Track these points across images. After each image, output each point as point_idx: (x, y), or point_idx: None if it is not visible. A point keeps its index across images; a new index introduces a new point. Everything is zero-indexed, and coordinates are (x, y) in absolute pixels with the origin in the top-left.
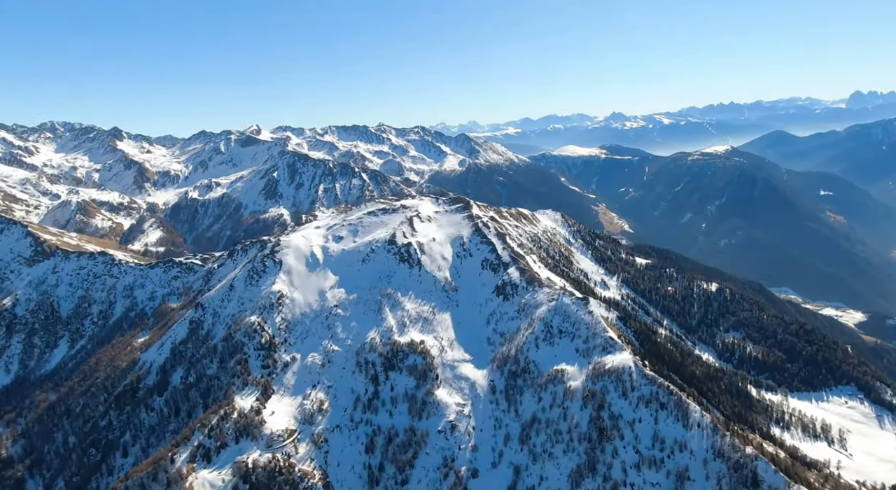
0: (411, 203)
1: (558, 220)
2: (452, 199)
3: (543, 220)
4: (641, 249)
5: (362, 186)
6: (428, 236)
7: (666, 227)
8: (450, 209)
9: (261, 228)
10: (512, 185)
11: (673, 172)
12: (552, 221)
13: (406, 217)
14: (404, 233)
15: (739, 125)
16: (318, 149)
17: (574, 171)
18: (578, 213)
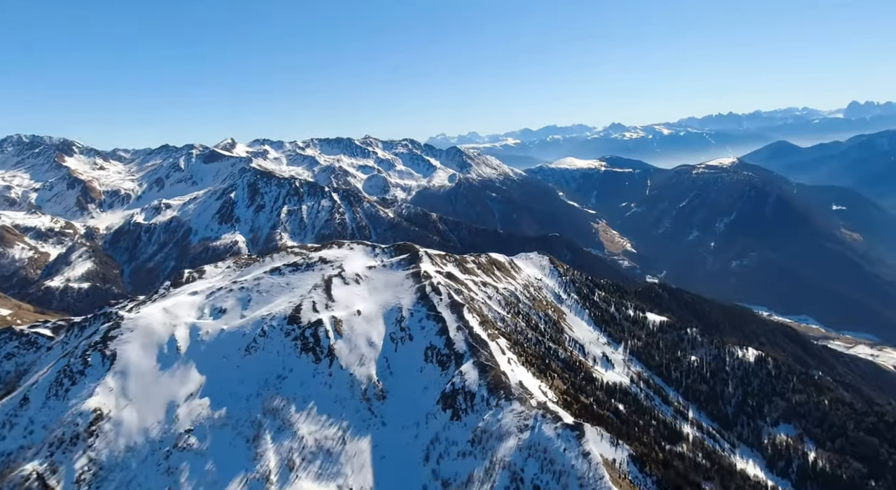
0: (336, 254)
1: (545, 267)
2: (396, 247)
3: (526, 268)
4: (652, 296)
5: (332, 208)
6: (350, 308)
7: (671, 246)
8: (389, 262)
9: (209, 257)
10: (505, 202)
11: (677, 187)
12: (537, 269)
13: (323, 277)
14: (315, 303)
15: (738, 135)
16: (297, 163)
17: (573, 184)
18: (577, 231)
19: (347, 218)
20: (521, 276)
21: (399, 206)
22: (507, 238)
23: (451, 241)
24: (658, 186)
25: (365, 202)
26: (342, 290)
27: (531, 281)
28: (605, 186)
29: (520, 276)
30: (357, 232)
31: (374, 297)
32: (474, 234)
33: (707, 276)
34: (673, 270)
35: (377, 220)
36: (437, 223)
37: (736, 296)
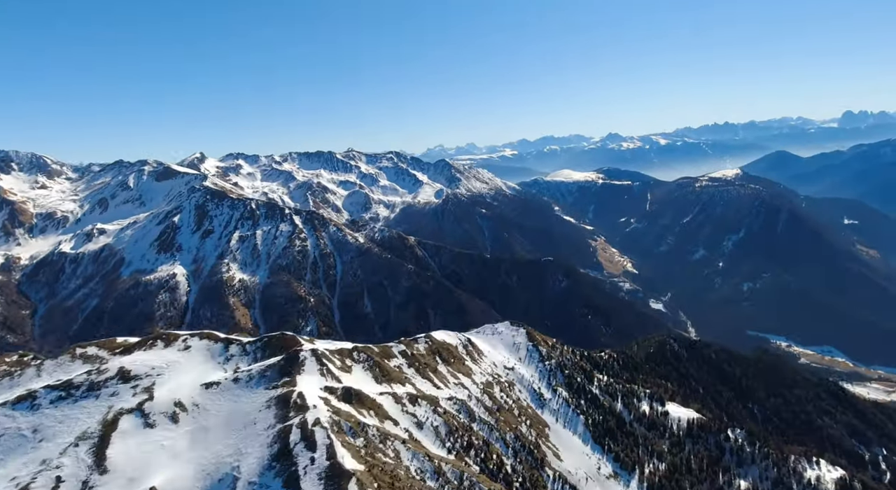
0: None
1: (521, 346)
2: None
3: (491, 351)
4: (667, 356)
5: (291, 234)
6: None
7: (675, 266)
8: (247, 374)
9: (140, 295)
10: (496, 219)
11: (679, 201)
12: (508, 350)
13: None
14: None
15: (735, 145)
16: (272, 179)
17: (569, 198)
18: (574, 249)
19: (309, 245)
20: (482, 366)
21: (371, 229)
22: (495, 265)
23: (429, 270)
24: (659, 200)
25: (331, 226)
26: (137, 440)
27: (498, 373)
28: (602, 200)
29: (481, 366)
30: (320, 261)
31: (195, 454)
32: (457, 261)
33: (717, 300)
34: (678, 294)
35: (344, 246)
36: (415, 248)
37: (750, 324)
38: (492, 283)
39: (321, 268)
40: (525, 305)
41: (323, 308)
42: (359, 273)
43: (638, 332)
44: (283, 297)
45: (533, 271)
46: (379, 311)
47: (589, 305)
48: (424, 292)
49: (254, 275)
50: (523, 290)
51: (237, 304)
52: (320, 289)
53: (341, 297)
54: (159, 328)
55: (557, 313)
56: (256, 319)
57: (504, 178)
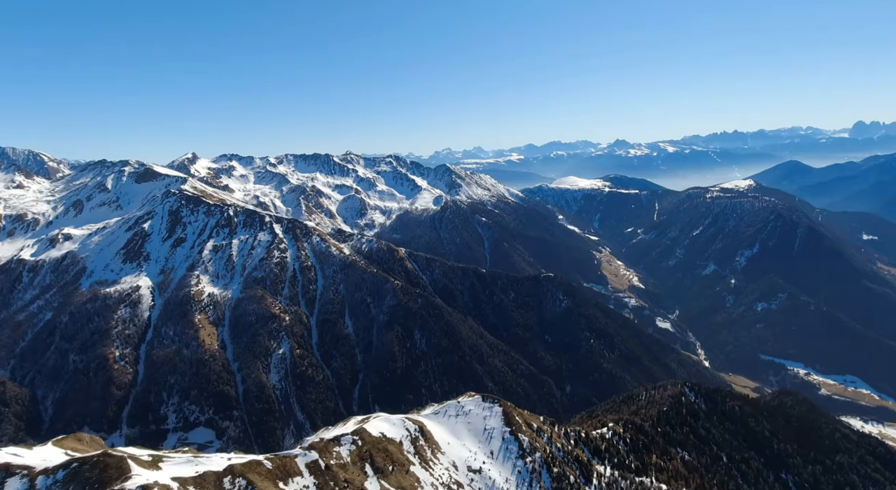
0: None
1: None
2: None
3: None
4: (684, 416)
5: (270, 244)
6: None
7: (684, 281)
8: None
9: (97, 310)
10: (497, 228)
11: (689, 212)
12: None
13: None
14: None
15: (744, 154)
16: (265, 181)
17: (574, 206)
18: (577, 262)
19: (289, 256)
20: (436, 471)
21: (359, 240)
22: (491, 280)
23: (419, 286)
24: (667, 211)
25: (315, 236)
26: None
27: (459, 480)
28: (609, 209)
29: (434, 472)
30: (300, 274)
31: None
32: (450, 275)
33: (728, 320)
34: (687, 311)
35: (327, 258)
36: (405, 261)
37: (765, 347)
38: (487, 300)
39: (300, 282)
40: (522, 326)
41: (299, 327)
42: (341, 289)
43: (644, 356)
44: (256, 315)
45: (531, 289)
46: (361, 332)
47: (591, 328)
48: (411, 311)
49: (226, 289)
50: (521, 309)
51: (204, 322)
52: (298, 305)
53: (321, 315)
54: (115, 348)
55: (558, 334)
56: (224, 339)
57: (509, 183)
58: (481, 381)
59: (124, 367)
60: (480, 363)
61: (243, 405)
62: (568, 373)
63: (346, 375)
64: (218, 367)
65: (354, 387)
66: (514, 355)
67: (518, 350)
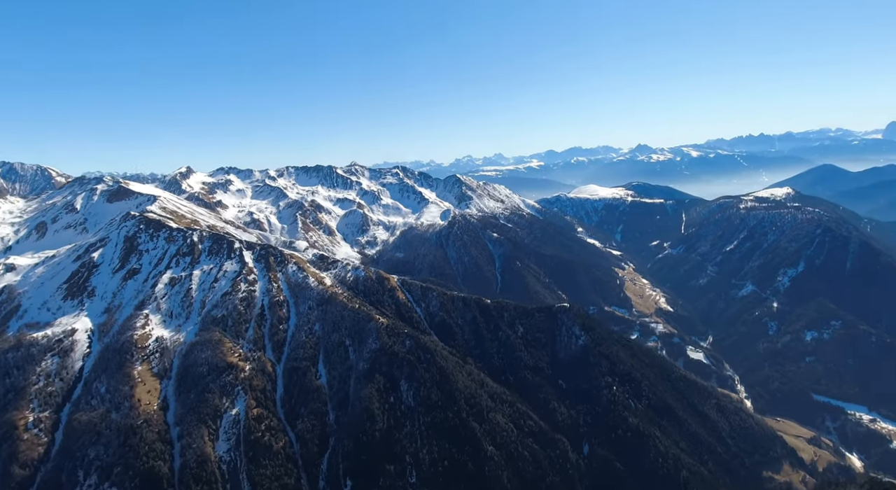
0: None
1: None
2: None
3: None
4: None
5: (237, 275)
6: None
7: (718, 304)
8: None
9: (20, 360)
10: (509, 245)
11: (720, 224)
12: None
13: None
14: None
15: (772, 157)
16: (262, 196)
17: (594, 217)
18: (598, 282)
19: (258, 290)
20: None
21: (342, 268)
22: (496, 312)
23: (411, 321)
24: (696, 222)
25: (290, 264)
26: None
27: None
28: (632, 221)
29: None
30: (269, 311)
31: None
32: (449, 307)
33: (772, 351)
34: (722, 338)
35: (303, 291)
36: (397, 291)
37: (819, 386)
38: (491, 337)
39: (269, 321)
40: (532, 368)
41: (261, 379)
42: (316, 329)
43: (678, 405)
44: (209, 365)
45: (543, 322)
46: (336, 383)
47: (614, 371)
48: (397, 356)
49: (178, 331)
50: (530, 348)
51: (145, 375)
52: (263, 350)
53: (289, 363)
54: (29, 411)
55: (574, 379)
56: (168, 396)
57: (529, 191)
58: (479, 445)
59: (37, 436)
60: (479, 420)
61: (177, 486)
62: (586, 428)
63: (313, 441)
64: (152, 435)
65: (323, 455)
66: (520, 407)
67: (526, 399)
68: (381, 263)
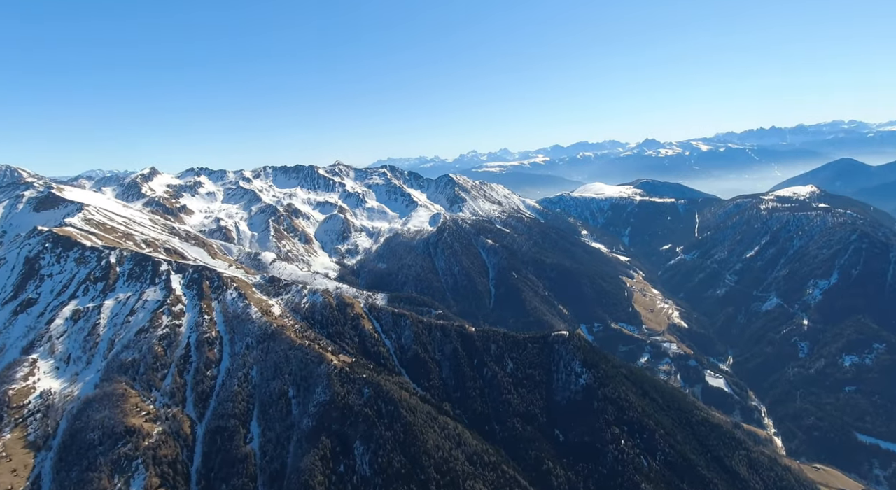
0: None
1: None
2: None
3: None
4: None
5: (160, 305)
6: None
7: (738, 319)
8: None
9: None
10: (505, 253)
11: (739, 227)
12: None
13: None
14: None
15: (784, 151)
16: (234, 199)
17: (600, 218)
18: (603, 294)
19: (186, 323)
20: None
21: (297, 292)
22: (481, 343)
23: (378, 357)
24: (711, 224)
25: (230, 290)
26: None
27: None
28: (640, 221)
29: None
30: (196, 352)
31: None
32: (425, 339)
33: (804, 378)
34: (744, 360)
35: (243, 325)
36: (362, 319)
37: (863, 423)
38: (474, 375)
39: (194, 365)
40: (523, 416)
41: (173, 446)
42: (253, 375)
43: (700, 460)
44: (103, 430)
45: (538, 355)
46: (272, 447)
47: (622, 419)
48: (351, 410)
49: (74, 382)
50: (521, 388)
51: (15, 446)
52: (182, 404)
53: (214, 421)
54: None
55: (573, 429)
56: (43, 475)
57: (533, 187)
58: None
59: None
60: None
61: None
62: None
63: None
64: None
65: None
66: (506, 471)
67: (514, 457)
68: (362, 275)
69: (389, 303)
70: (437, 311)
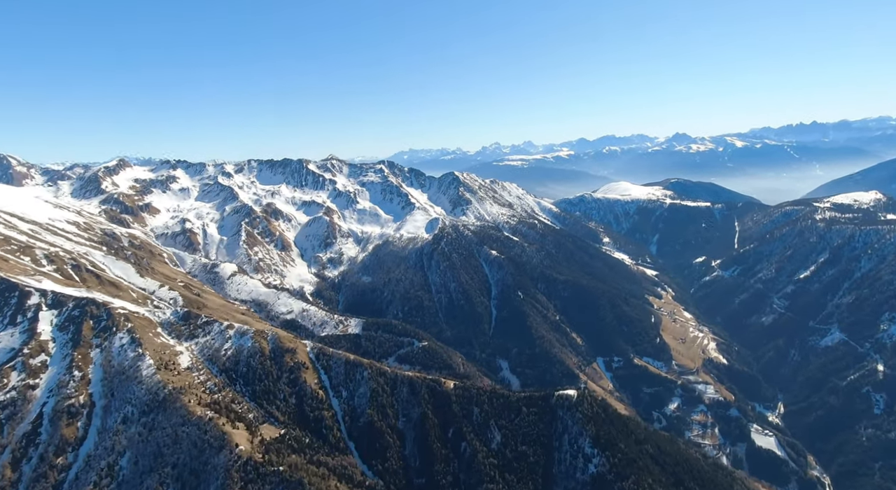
0: None
1: None
2: None
3: None
4: None
5: (12, 357)
6: None
7: (789, 354)
8: None
9: None
10: (511, 267)
11: (789, 240)
12: None
13: None
14: None
15: (826, 149)
16: (210, 197)
17: (625, 222)
18: (626, 320)
19: (44, 383)
20: None
21: (219, 333)
22: (463, 406)
23: (322, 423)
24: (755, 235)
25: (121, 333)
26: None
27: None
28: (671, 228)
29: None
30: (49, 427)
31: None
32: (385, 400)
33: (880, 443)
34: (800, 409)
35: (127, 385)
36: (304, 371)
37: None
38: (446, 453)
39: (40, 449)
40: None
41: None
42: (122, 465)
43: None
44: None
45: (535, 422)
46: None
47: None
48: None
49: None
50: (508, 475)
51: None
52: None
53: None
54: None
55: None
56: None
57: (555, 183)
58: None
59: None
60: None
61: None
62: None
63: None
64: None
65: None
66: None
67: None
68: (343, 289)
69: (365, 330)
70: (422, 343)
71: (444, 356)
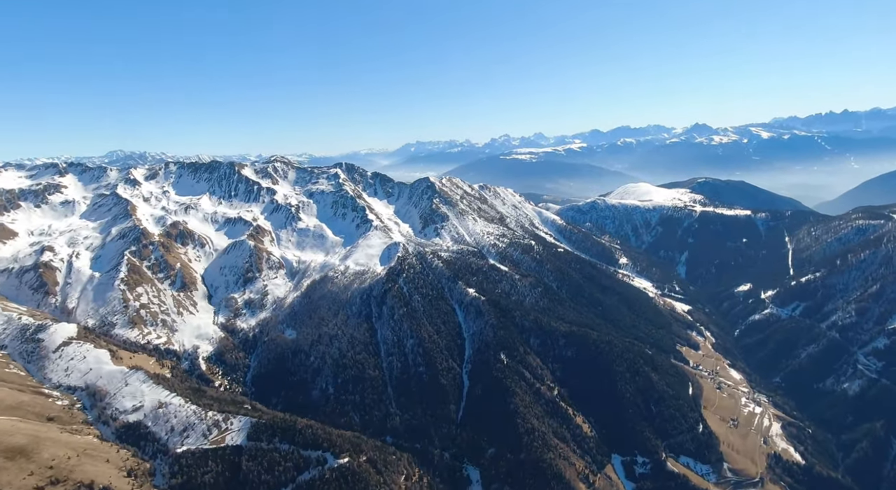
0: None
1: None
2: None
3: None
4: None
5: None
6: None
7: (893, 447)
8: None
9: None
10: (494, 313)
11: (871, 267)
12: None
13: None
14: None
15: (859, 139)
16: (97, 213)
17: (645, 236)
18: (651, 395)
19: None
20: None
21: None
22: None
23: None
24: (816, 256)
25: None
26: None
27: None
28: (702, 243)
29: None
30: None
31: None
32: None
33: None
34: None
35: None
36: None
37: None
38: None
39: None
40: None
41: None
42: None
43: None
44: None
45: None
46: None
47: None
48: None
49: None
50: None
51: None
52: None
53: None
54: None
55: None
56: None
57: (566, 179)
58: None
59: None
60: None
61: None
62: None
63: None
64: None
65: None
66: None
67: None
68: (257, 352)
69: (252, 439)
70: (341, 460)
71: (373, 481)
